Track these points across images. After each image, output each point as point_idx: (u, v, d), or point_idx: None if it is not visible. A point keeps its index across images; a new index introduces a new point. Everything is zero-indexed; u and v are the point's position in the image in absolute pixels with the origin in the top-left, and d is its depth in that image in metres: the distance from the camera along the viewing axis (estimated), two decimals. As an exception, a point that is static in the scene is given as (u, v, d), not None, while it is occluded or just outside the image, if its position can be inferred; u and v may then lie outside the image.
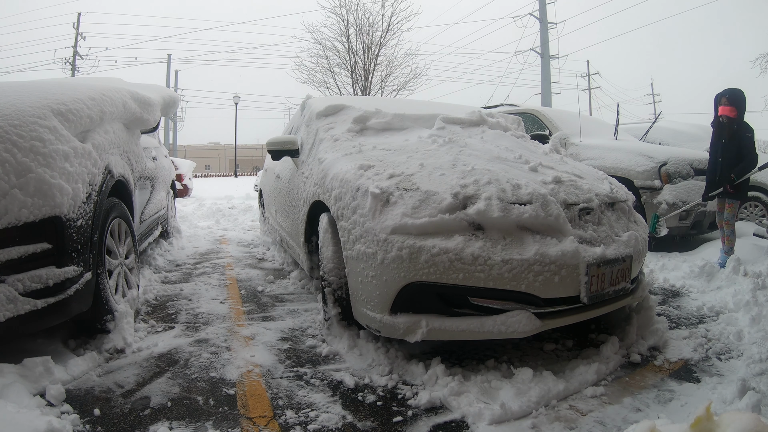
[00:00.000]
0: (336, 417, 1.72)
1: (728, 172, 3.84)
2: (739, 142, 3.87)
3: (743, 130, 3.88)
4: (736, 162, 3.85)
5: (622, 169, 4.72)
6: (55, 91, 2.30)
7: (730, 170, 3.84)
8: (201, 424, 1.68)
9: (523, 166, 2.50)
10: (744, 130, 3.89)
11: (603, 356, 2.15)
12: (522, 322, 1.92)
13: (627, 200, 2.64)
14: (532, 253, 1.93)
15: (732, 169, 3.84)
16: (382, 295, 2.02)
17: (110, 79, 3.75)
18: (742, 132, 3.88)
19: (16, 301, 1.83)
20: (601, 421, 1.69)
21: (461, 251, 1.91)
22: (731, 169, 3.84)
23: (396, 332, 2.01)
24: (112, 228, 2.53)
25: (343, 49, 15.82)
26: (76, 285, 2.03)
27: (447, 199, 2.02)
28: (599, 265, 2.05)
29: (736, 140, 3.88)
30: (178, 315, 2.91)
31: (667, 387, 1.95)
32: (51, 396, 1.76)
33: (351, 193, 2.27)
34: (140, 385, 1.97)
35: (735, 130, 3.89)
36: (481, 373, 1.99)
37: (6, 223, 1.81)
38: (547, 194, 2.10)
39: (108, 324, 2.33)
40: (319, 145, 3.12)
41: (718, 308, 2.95)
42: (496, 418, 1.65)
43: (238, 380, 2.02)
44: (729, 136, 3.92)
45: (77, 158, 2.13)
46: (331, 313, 2.41)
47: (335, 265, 2.38)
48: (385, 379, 2.00)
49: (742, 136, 3.87)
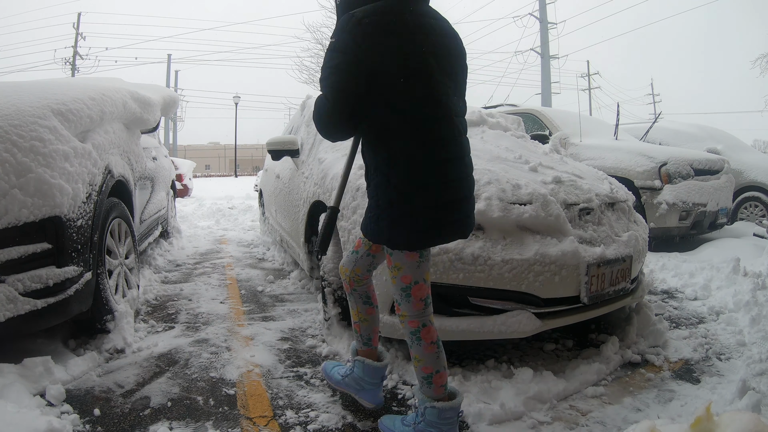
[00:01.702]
0: (336, 417, 1.72)
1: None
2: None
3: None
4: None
5: (622, 169, 4.72)
6: (55, 91, 2.30)
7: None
8: (201, 424, 1.68)
9: (523, 166, 2.50)
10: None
11: (603, 356, 2.15)
12: (522, 322, 1.92)
13: (627, 200, 2.64)
14: (532, 253, 1.93)
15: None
16: (381, 295, 2.02)
17: (110, 79, 3.75)
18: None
19: (16, 301, 1.83)
20: (601, 421, 1.69)
21: (461, 251, 1.91)
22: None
23: (396, 332, 2.01)
24: (112, 228, 2.53)
25: (343, 49, 15.81)
26: (76, 285, 2.03)
27: (447, 199, 2.02)
28: (599, 265, 2.05)
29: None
30: (178, 315, 2.91)
31: (667, 387, 1.95)
32: (51, 396, 1.76)
33: (351, 193, 2.27)
34: (140, 385, 1.97)
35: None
36: (481, 373, 1.99)
37: (6, 223, 1.81)
38: (547, 194, 2.10)
39: (108, 324, 2.33)
40: (319, 145, 3.12)
41: (718, 308, 2.95)
42: (496, 418, 1.65)
43: (238, 380, 2.02)
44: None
45: (77, 158, 2.13)
46: (331, 313, 2.41)
47: (335, 265, 2.37)
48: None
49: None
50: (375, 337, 1.76)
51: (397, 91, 1.33)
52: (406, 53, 1.34)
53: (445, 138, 1.38)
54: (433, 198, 1.36)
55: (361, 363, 1.72)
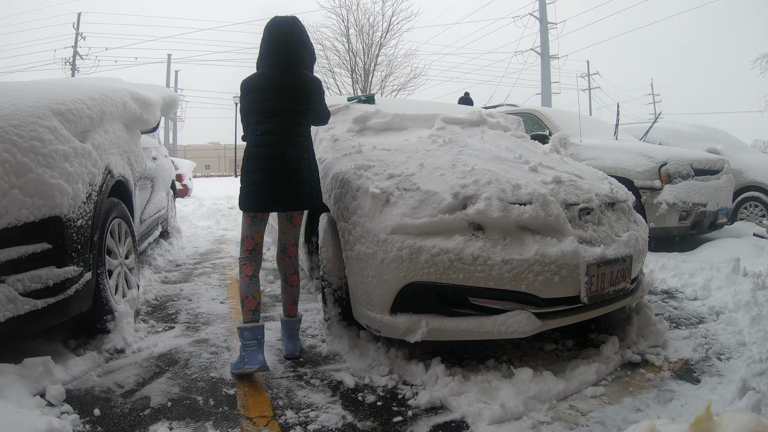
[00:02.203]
0: (336, 417, 1.72)
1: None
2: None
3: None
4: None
5: (622, 169, 4.72)
6: (55, 91, 2.30)
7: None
8: (201, 424, 1.68)
9: (523, 166, 2.50)
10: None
11: (603, 356, 2.15)
12: (522, 322, 1.92)
13: (627, 200, 2.64)
14: (532, 253, 1.93)
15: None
16: (382, 295, 2.02)
17: (110, 79, 3.75)
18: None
19: (16, 301, 1.83)
20: (601, 421, 1.69)
21: (461, 251, 1.91)
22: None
23: (396, 332, 2.01)
24: (112, 228, 2.53)
25: (343, 50, 15.83)
26: (76, 285, 2.03)
27: (447, 199, 2.02)
28: (599, 265, 2.05)
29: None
30: (178, 315, 2.91)
31: (667, 387, 1.95)
32: (51, 396, 1.76)
33: (351, 194, 2.27)
34: (140, 385, 1.97)
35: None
36: (481, 373, 1.98)
37: (6, 223, 1.81)
38: (547, 194, 2.10)
39: (108, 324, 2.33)
40: (318, 145, 3.12)
41: (718, 308, 2.95)
42: (496, 418, 1.65)
43: (238, 380, 2.02)
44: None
45: (77, 158, 2.13)
46: (331, 313, 2.41)
47: (335, 265, 2.37)
48: (385, 379, 2.00)
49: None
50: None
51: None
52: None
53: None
54: (250, 178, 2.22)
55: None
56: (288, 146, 2.20)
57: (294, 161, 2.21)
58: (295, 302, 2.36)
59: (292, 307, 2.34)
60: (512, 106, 6.47)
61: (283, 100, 2.21)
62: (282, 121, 2.20)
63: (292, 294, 2.35)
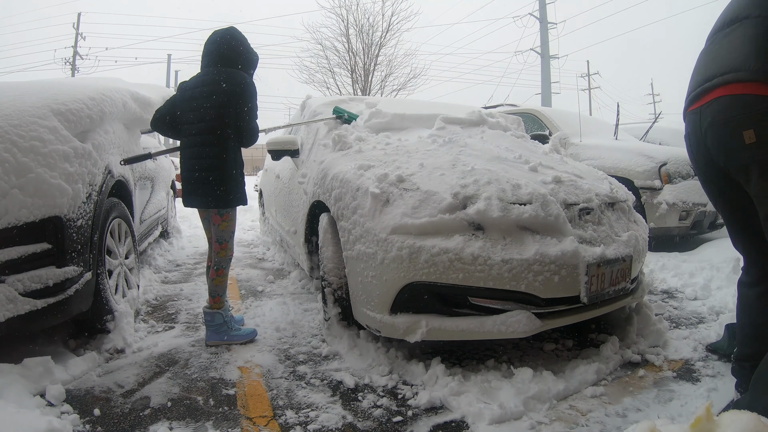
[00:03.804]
0: (336, 417, 1.72)
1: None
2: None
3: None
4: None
5: (622, 169, 4.72)
6: (55, 91, 2.30)
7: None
8: (201, 424, 1.68)
9: (523, 166, 2.50)
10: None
11: (603, 356, 2.15)
12: (522, 322, 1.92)
13: (627, 200, 2.64)
14: (532, 253, 1.93)
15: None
16: (382, 295, 2.02)
17: (110, 79, 3.75)
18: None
19: (16, 301, 1.83)
20: (601, 421, 1.69)
21: (461, 251, 1.91)
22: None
23: (396, 332, 2.01)
24: (112, 228, 2.53)
25: (343, 49, 15.84)
26: (76, 285, 2.03)
27: (447, 199, 2.02)
28: (599, 265, 2.05)
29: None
30: (178, 315, 2.91)
31: (667, 387, 1.95)
32: (51, 396, 1.76)
33: (351, 193, 2.27)
34: (140, 385, 1.97)
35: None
36: (481, 373, 1.98)
37: (6, 223, 1.81)
38: (547, 194, 2.10)
39: (108, 324, 2.33)
40: (319, 145, 3.12)
41: (718, 308, 2.95)
42: (496, 418, 1.65)
43: (238, 380, 2.02)
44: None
45: (77, 158, 2.13)
46: (331, 313, 2.41)
47: (335, 265, 2.37)
48: (385, 379, 2.00)
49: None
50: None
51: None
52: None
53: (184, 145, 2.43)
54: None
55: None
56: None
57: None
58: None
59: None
60: (512, 106, 6.46)
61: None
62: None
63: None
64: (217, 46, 2.40)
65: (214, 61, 2.39)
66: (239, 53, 2.43)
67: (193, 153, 2.34)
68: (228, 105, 2.30)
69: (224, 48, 2.40)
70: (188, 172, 2.37)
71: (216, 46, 2.41)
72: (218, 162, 2.31)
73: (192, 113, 2.35)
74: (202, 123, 2.32)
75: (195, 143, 2.34)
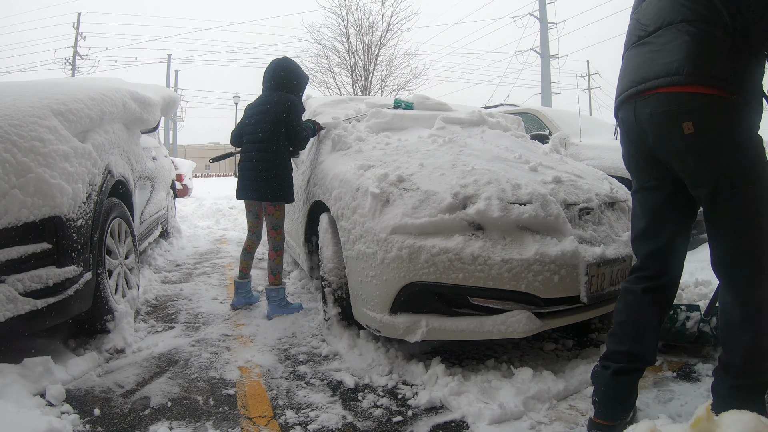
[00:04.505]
0: (336, 417, 1.72)
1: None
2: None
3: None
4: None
5: (622, 169, 4.69)
6: (55, 91, 2.30)
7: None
8: (201, 424, 1.68)
9: (523, 166, 2.50)
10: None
11: (603, 356, 2.14)
12: (522, 322, 1.92)
13: (627, 200, 2.63)
14: (532, 253, 1.93)
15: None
16: (382, 295, 2.02)
17: (110, 79, 3.75)
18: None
19: (16, 301, 1.83)
20: (601, 421, 1.69)
21: (461, 251, 1.91)
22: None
23: (396, 332, 2.01)
24: (112, 228, 2.53)
25: (343, 49, 15.83)
26: (76, 285, 2.03)
27: (447, 199, 2.02)
28: (599, 265, 2.05)
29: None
30: (178, 315, 2.91)
31: (667, 387, 1.95)
32: (51, 396, 1.76)
33: (351, 193, 2.27)
34: (140, 385, 1.97)
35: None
36: (481, 373, 1.98)
37: (6, 223, 1.81)
38: (547, 194, 2.10)
39: (108, 324, 2.33)
40: (319, 146, 3.12)
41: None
42: (496, 418, 1.65)
43: (238, 380, 2.02)
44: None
45: (77, 158, 2.13)
46: (331, 313, 2.41)
47: (335, 265, 2.37)
48: (385, 379, 2.00)
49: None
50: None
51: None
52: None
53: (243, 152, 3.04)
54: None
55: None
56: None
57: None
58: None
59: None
60: (512, 106, 6.46)
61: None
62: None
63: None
64: (272, 73, 3.01)
65: (270, 86, 2.99)
66: (289, 80, 3.00)
67: (250, 156, 2.90)
68: (277, 121, 2.85)
69: (276, 75, 2.99)
70: (246, 170, 2.91)
71: (271, 74, 3.01)
72: (269, 164, 2.84)
73: (252, 126, 2.92)
74: (259, 134, 2.87)
75: (252, 149, 2.89)
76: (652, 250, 1.57)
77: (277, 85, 2.97)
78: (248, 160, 2.90)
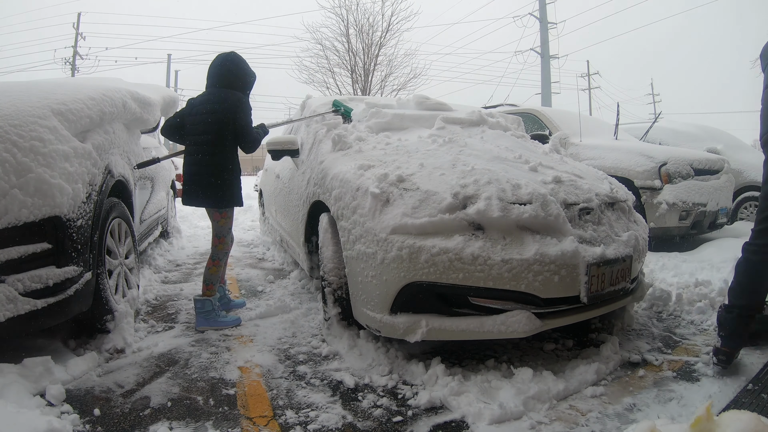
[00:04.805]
0: (336, 417, 1.72)
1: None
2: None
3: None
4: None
5: (622, 169, 4.71)
6: (55, 91, 2.30)
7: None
8: (201, 424, 1.68)
9: (523, 166, 2.50)
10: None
11: (603, 356, 2.15)
12: (522, 322, 1.92)
13: (627, 200, 2.64)
14: (532, 253, 1.93)
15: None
16: (382, 295, 2.02)
17: (110, 79, 3.75)
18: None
19: (16, 301, 1.83)
20: (601, 421, 1.69)
21: (461, 251, 1.91)
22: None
23: (396, 332, 2.01)
24: (112, 228, 2.53)
25: (343, 49, 15.82)
26: (76, 285, 2.03)
27: (447, 199, 2.02)
28: (599, 265, 2.05)
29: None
30: (178, 315, 2.91)
31: (667, 387, 1.95)
32: (51, 396, 1.76)
33: (351, 193, 2.27)
34: (140, 385, 1.97)
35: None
36: (481, 373, 1.99)
37: (6, 223, 1.81)
38: (547, 194, 2.10)
39: (108, 324, 2.33)
40: (319, 145, 3.12)
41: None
42: (496, 417, 1.65)
43: (238, 380, 2.02)
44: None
45: (77, 158, 2.13)
46: (331, 313, 2.41)
47: (335, 265, 2.37)
48: (385, 379, 2.00)
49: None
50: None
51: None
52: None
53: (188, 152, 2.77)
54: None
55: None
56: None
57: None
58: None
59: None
60: (512, 106, 6.46)
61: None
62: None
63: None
64: (218, 69, 2.78)
65: (216, 82, 2.77)
66: (237, 77, 2.79)
67: (195, 160, 2.69)
68: (225, 121, 2.65)
69: (224, 71, 2.77)
70: (190, 175, 2.71)
71: (217, 69, 2.78)
72: (216, 169, 2.67)
73: (196, 126, 2.71)
74: (204, 135, 2.67)
75: (197, 151, 2.69)
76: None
77: (224, 82, 2.75)
78: (193, 163, 2.69)
